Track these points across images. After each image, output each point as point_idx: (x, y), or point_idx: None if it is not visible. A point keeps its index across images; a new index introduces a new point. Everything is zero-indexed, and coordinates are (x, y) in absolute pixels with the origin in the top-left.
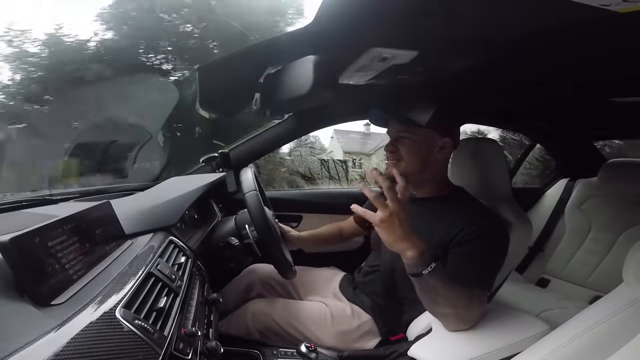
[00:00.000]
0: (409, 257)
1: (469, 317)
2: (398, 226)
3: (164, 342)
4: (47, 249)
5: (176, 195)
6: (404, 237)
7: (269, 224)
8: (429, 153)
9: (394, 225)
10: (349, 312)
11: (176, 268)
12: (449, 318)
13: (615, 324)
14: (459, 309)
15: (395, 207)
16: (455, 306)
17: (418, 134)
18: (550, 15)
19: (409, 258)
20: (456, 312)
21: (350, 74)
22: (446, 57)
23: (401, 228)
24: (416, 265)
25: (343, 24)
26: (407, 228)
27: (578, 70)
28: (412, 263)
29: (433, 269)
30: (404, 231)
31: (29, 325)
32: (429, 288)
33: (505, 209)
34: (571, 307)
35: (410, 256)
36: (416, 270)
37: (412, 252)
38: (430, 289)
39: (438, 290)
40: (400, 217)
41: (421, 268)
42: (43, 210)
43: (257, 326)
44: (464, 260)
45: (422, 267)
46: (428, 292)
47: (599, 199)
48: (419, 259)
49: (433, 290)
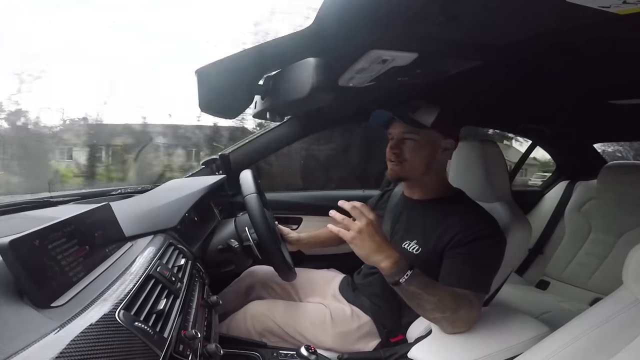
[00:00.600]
0: (384, 267)
1: (460, 320)
2: (368, 241)
3: (163, 344)
4: (47, 251)
5: (176, 197)
6: (376, 249)
7: (268, 226)
8: (433, 154)
9: (364, 240)
10: (349, 314)
11: (176, 270)
12: (440, 322)
13: (616, 326)
14: (447, 312)
15: (361, 225)
16: (442, 310)
17: (423, 135)
18: (550, 18)
19: (383, 269)
20: (444, 316)
21: (350, 76)
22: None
23: (372, 242)
24: (393, 275)
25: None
26: (379, 240)
27: (578, 72)
28: (388, 273)
29: (410, 276)
30: (375, 244)
31: (29, 328)
32: (410, 295)
33: (505, 211)
34: (571, 309)
35: (385, 267)
36: (394, 279)
37: (385, 263)
38: (411, 296)
39: (420, 296)
40: (369, 232)
41: (398, 277)
42: (43, 212)
43: (256, 328)
44: (459, 262)
45: (399, 275)
46: (410, 298)
47: (599, 201)
48: (395, 269)
49: (415, 296)
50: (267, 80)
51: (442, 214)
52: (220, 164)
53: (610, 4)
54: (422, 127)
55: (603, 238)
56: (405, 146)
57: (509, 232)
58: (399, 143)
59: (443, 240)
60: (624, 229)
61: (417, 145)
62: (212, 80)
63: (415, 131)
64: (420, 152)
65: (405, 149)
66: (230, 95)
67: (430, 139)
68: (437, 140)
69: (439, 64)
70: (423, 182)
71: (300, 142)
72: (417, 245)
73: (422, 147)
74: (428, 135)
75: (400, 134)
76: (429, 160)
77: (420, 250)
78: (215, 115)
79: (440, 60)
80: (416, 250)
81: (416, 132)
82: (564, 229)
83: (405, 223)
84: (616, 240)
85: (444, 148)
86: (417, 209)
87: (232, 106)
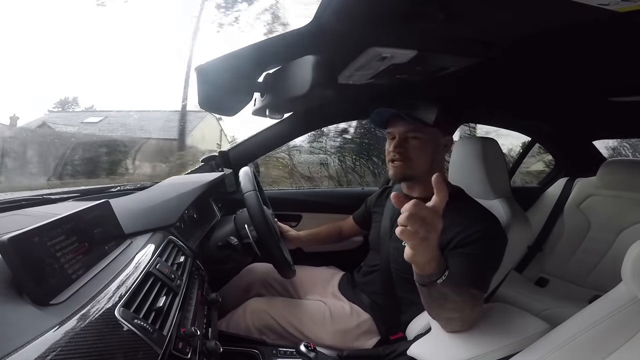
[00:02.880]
0: (429, 269)
1: (472, 319)
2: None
3: (163, 342)
4: (46, 248)
5: (175, 194)
6: (430, 260)
7: (268, 223)
8: (435, 152)
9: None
10: (348, 311)
11: (175, 267)
12: (453, 321)
13: (615, 323)
14: (465, 311)
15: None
16: (462, 309)
17: (426, 133)
18: (549, 15)
19: (427, 270)
20: (461, 316)
21: (350, 73)
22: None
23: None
24: (434, 275)
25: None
26: (432, 250)
27: (577, 69)
28: (431, 272)
29: (447, 277)
30: (429, 255)
31: (28, 325)
32: (439, 295)
33: (504, 208)
34: (570, 306)
35: (430, 268)
36: (430, 280)
37: (432, 265)
38: (441, 296)
39: (449, 297)
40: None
41: (436, 277)
42: (42, 209)
43: (256, 325)
44: (462, 262)
45: (437, 276)
46: (438, 299)
47: (598, 198)
48: (436, 269)
49: (444, 297)
50: (266, 77)
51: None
52: (220, 160)
53: (609, 2)
54: (426, 125)
55: (602, 235)
56: (409, 145)
57: (509, 229)
58: (402, 142)
59: (444, 239)
60: (623, 226)
61: (421, 144)
62: (212, 77)
63: (419, 129)
64: (425, 150)
65: (409, 147)
66: (230, 93)
67: (432, 136)
68: (438, 137)
69: (438, 61)
70: (423, 180)
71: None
72: None
73: (425, 145)
74: (430, 133)
75: (403, 132)
76: (432, 158)
77: None
78: (215, 112)
79: (439, 57)
80: None
81: (420, 130)
82: (563, 226)
83: None
84: (615, 237)
85: (444, 145)
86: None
87: (231, 103)
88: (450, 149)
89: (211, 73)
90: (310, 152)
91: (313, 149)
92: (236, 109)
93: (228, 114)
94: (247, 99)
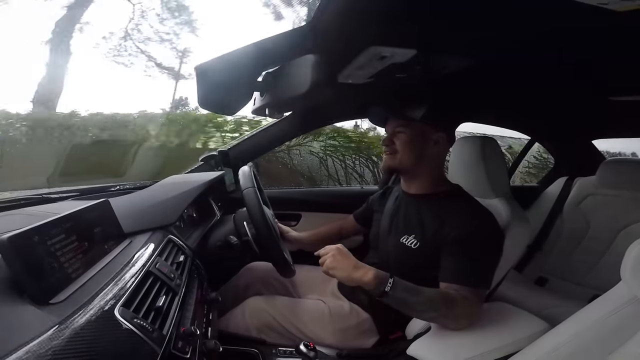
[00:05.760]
0: (367, 281)
1: (460, 316)
2: (343, 261)
3: (162, 341)
4: (46, 247)
5: (175, 193)
6: (355, 266)
7: (266, 220)
8: (424, 147)
9: (340, 261)
10: (348, 310)
11: (175, 267)
12: (438, 320)
13: (615, 323)
14: (440, 309)
15: (332, 251)
16: (434, 308)
17: (413, 128)
18: (549, 15)
19: (367, 282)
20: (440, 314)
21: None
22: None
23: (347, 261)
24: (378, 286)
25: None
26: (353, 259)
27: (577, 68)
28: (373, 285)
29: (393, 283)
30: (351, 262)
31: (28, 324)
32: (400, 302)
33: (503, 207)
34: (570, 305)
35: (368, 280)
36: (380, 290)
37: (368, 276)
38: (401, 302)
39: (408, 300)
40: (341, 253)
41: (383, 286)
42: (41, 208)
43: (255, 324)
44: (456, 259)
45: (383, 285)
46: (401, 305)
47: (598, 197)
48: (377, 279)
49: (404, 301)
50: (266, 76)
51: (439, 208)
52: (219, 159)
53: (609, 1)
54: (411, 120)
55: (602, 234)
56: (397, 139)
57: (508, 228)
58: (391, 136)
59: (440, 235)
60: (623, 225)
61: (407, 138)
62: (212, 77)
63: (405, 124)
64: (410, 144)
65: (397, 141)
66: (230, 92)
67: (419, 132)
68: (427, 133)
69: (438, 61)
70: (417, 176)
71: None
72: (415, 240)
73: (411, 139)
74: (417, 129)
75: (392, 127)
76: (419, 153)
77: (418, 245)
78: (215, 111)
79: (439, 57)
80: (414, 245)
81: (405, 125)
82: (562, 225)
83: (403, 217)
84: (615, 236)
85: (435, 141)
86: (413, 203)
87: (231, 102)
88: (447, 145)
89: (211, 73)
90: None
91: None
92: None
93: (228, 113)
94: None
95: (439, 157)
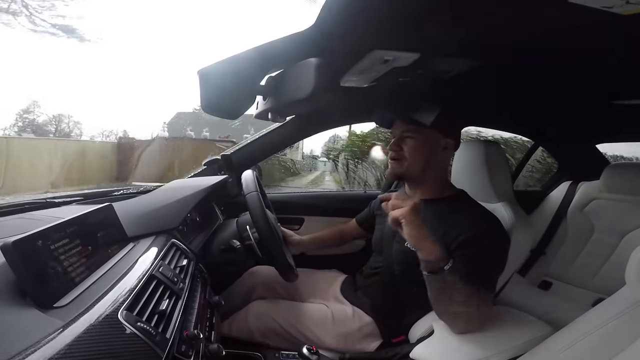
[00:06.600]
0: (435, 250)
1: (479, 318)
2: (417, 220)
3: (166, 345)
4: (50, 251)
5: (178, 198)
6: (425, 228)
7: (269, 224)
8: (432, 153)
9: (413, 218)
10: (350, 314)
11: (178, 271)
12: (459, 317)
13: (618, 326)
14: (472, 307)
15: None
16: (469, 304)
17: (422, 134)
18: (553, 19)
19: (434, 252)
20: (468, 311)
21: (353, 76)
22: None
23: (419, 221)
24: (439, 260)
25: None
26: (426, 229)
27: (581, 72)
28: (436, 258)
29: (453, 264)
30: (423, 224)
31: (32, 328)
32: (447, 285)
33: (507, 212)
34: (574, 309)
35: (436, 250)
36: (438, 266)
37: (436, 247)
38: (448, 286)
39: (455, 286)
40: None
41: (443, 263)
42: (45, 213)
43: (258, 327)
44: (465, 263)
45: (444, 262)
46: (445, 289)
47: (602, 201)
48: (442, 254)
49: (451, 286)
50: (269, 80)
51: (444, 213)
52: (222, 164)
53: (613, 4)
54: (421, 126)
55: (606, 238)
56: (404, 144)
57: (511, 232)
58: (399, 141)
59: (446, 241)
60: (627, 230)
61: (416, 144)
62: (214, 81)
63: (415, 129)
64: (420, 150)
65: (405, 147)
66: (233, 96)
67: (429, 137)
68: (436, 139)
69: (441, 65)
70: (423, 182)
71: None
72: None
73: (421, 145)
74: (427, 134)
75: (400, 132)
76: (428, 159)
77: None
78: (218, 115)
79: (442, 60)
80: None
81: (415, 131)
82: (566, 230)
83: None
84: (619, 240)
85: (444, 147)
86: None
87: (234, 106)
88: (454, 150)
89: (213, 76)
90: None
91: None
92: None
93: (230, 117)
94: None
95: (446, 163)
